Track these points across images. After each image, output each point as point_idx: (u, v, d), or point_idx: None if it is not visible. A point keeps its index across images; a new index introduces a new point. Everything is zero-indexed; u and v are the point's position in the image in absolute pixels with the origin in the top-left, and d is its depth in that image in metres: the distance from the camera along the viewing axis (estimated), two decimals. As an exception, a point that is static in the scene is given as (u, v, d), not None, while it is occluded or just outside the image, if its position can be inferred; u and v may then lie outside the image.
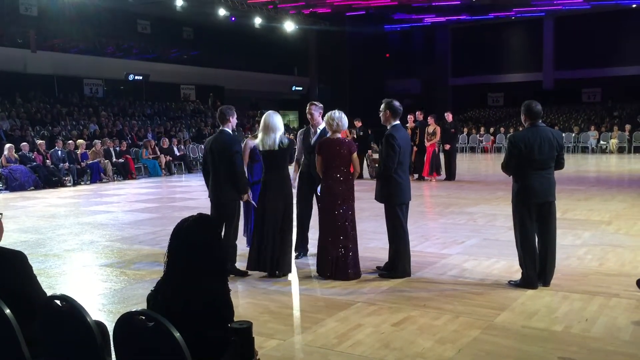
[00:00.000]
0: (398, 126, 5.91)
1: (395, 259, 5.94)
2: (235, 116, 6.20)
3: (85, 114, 23.43)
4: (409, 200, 5.98)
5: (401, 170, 5.83)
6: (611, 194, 11.95)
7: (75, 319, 2.42)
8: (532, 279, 5.43)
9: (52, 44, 26.19)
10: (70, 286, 6.08)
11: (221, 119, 6.13)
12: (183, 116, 27.55)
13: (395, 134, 5.77)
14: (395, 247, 5.93)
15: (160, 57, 30.57)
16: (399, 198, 5.85)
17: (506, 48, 37.30)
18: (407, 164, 6.02)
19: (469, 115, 35.50)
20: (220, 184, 6.06)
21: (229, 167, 5.97)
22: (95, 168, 17.67)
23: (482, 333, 4.37)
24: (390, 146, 5.71)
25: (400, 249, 5.90)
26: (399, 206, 5.87)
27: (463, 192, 12.93)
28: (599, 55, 32.73)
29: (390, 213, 5.90)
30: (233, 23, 29.69)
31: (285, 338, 4.39)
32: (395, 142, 5.71)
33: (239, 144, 6.23)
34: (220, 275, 2.60)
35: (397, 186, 5.81)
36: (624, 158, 23.69)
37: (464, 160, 23.28)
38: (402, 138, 5.83)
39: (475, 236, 7.98)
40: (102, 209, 11.75)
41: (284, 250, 6.03)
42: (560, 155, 5.51)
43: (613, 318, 4.63)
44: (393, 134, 5.77)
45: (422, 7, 32.39)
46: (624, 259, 6.53)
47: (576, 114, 32.25)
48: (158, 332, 2.24)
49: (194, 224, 2.58)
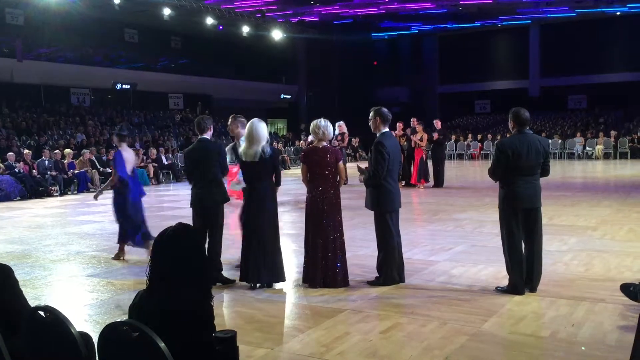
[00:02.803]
0: (388, 133, 5.93)
1: (383, 266, 5.94)
2: (212, 125, 6.47)
3: (72, 123, 23.32)
4: (399, 208, 6.00)
5: (390, 177, 5.84)
6: (597, 200, 12.04)
7: (59, 330, 2.41)
8: (519, 285, 5.45)
9: (39, 54, 26.06)
10: (57, 297, 6.03)
11: (200, 128, 6.33)
12: (171, 125, 27.49)
13: (384, 142, 5.79)
14: (383, 254, 5.94)
15: (148, 66, 30.49)
16: (388, 205, 5.87)
17: (493, 56, 37.60)
18: (397, 171, 6.04)
19: (457, 122, 35.70)
20: (203, 189, 6.16)
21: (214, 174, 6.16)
22: (82, 178, 17.57)
23: (469, 340, 4.38)
24: (379, 153, 5.73)
25: (387, 257, 5.91)
26: (388, 213, 5.88)
27: (451, 199, 12.98)
28: (584, 63, 33.07)
29: (380, 220, 5.91)
30: (221, 32, 29.72)
31: (273, 347, 4.38)
32: (385, 150, 5.73)
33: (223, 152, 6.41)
34: (202, 284, 2.58)
35: (386, 194, 5.83)
36: (609, 164, 23.91)
37: (452, 167, 23.38)
38: (391, 146, 5.85)
39: (463, 243, 8.01)
40: (89, 219, 11.67)
41: (272, 260, 5.98)
42: (546, 162, 5.56)
43: (599, 323, 4.66)
44: (382, 142, 5.79)
45: (409, 15, 32.62)
46: (610, 264, 6.58)
47: (562, 121, 32.54)
48: (142, 342, 2.23)
49: (175, 233, 2.57)
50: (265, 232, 5.91)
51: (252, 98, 33.85)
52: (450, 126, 32.80)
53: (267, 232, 5.91)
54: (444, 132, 16.82)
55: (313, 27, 33.42)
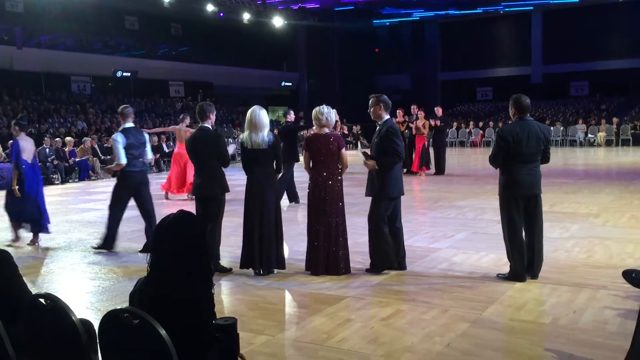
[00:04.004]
0: (389, 121, 5.90)
1: (373, 255, 5.94)
2: (214, 112, 6.26)
3: (73, 111, 23.27)
4: (402, 195, 5.93)
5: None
6: (599, 187, 12.02)
7: (59, 318, 2.40)
8: (521, 272, 5.45)
9: (39, 41, 25.98)
10: (58, 284, 6.04)
11: (201, 115, 6.17)
12: (172, 113, 27.43)
13: (395, 126, 5.89)
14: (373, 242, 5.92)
15: (149, 53, 30.42)
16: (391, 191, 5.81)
17: (495, 42, 37.41)
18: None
19: (459, 109, 35.61)
20: (204, 181, 6.08)
21: (214, 164, 6.03)
22: (84, 166, 17.57)
23: (470, 326, 4.39)
24: (396, 136, 5.73)
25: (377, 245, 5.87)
26: (389, 200, 5.82)
27: (452, 186, 12.97)
28: (586, 49, 32.90)
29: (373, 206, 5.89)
30: (221, 19, 29.56)
31: (274, 334, 4.38)
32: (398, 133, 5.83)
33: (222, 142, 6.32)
34: (204, 271, 2.58)
35: (390, 179, 5.77)
36: (611, 151, 23.86)
37: (454, 154, 23.35)
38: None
39: (464, 230, 8.01)
40: (91, 207, 11.68)
41: (273, 247, 5.97)
42: (547, 149, 5.54)
43: (600, 310, 4.67)
44: (394, 126, 5.86)
45: (411, 1, 32.45)
46: (612, 251, 6.57)
47: (564, 108, 32.43)
48: (143, 329, 2.22)
49: (177, 220, 2.56)
50: (266, 220, 5.89)
51: (253, 85, 33.78)
52: (451, 113, 32.73)
53: (268, 220, 5.90)
54: (445, 119, 16.77)
55: (314, 14, 33.25)
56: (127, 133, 7.16)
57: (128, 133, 7.15)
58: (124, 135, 7.11)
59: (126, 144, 7.06)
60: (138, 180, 7.27)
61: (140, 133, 7.46)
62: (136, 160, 7.20)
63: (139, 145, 7.23)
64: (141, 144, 7.29)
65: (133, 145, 7.13)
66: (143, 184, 7.36)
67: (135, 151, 7.16)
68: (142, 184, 7.34)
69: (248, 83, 33.23)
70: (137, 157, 7.22)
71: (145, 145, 7.35)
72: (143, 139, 7.38)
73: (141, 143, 7.29)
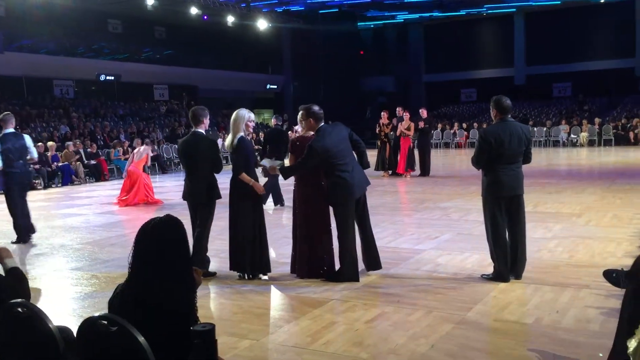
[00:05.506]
0: (324, 127, 5.67)
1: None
2: (208, 117, 6.16)
3: (56, 115, 23.05)
4: (357, 197, 5.73)
5: (338, 170, 5.59)
6: (582, 187, 12.12)
7: (36, 326, 2.37)
8: (504, 272, 5.47)
9: (21, 45, 25.67)
10: (40, 291, 5.96)
11: (195, 120, 6.07)
12: (156, 116, 27.28)
13: (316, 143, 5.47)
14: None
15: (132, 56, 30.16)
16: (339, 197, 5.67)
17: (478, 44, 37.62)
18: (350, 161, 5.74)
19: (443, 111, 35.75)
20: (196, 186, 6.05)
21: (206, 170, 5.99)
22: (67, 170, 17.40)
23: (454, 327, 4.39)
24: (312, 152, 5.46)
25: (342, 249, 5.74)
26: (342, 205, 5.68)
27: (437, 188, 13.01)
28: (568, 50, 33.20)
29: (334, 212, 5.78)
30: (206, 22, 29.45)
31: (258, 338, 4.36)
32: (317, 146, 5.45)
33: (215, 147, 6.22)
34: (184, 277, 2.55)
35: (336, 186, 5.62)
36: (594, 151, 24.08)
37: (438, 156, 23.44)
38: (330, 141, 5.54)
39: (449, 231, 8.03)
40: (74, 212, 11.57)
41: (257, 251, 5.92)
42: (528, 149, 5.57)
43: (583, 309, 4.69)
44: (313, 145, 5.48)
45: (395, 4, 32.54)
46: (594, 250, 6.62)
47: (547, 109, 32.69)
48: (121, 336, 2.19)
49: (158, 225, 2.53)
50: (250, 223, 5.85)
51: (238, 88, 33.67)
52: (436, 115, 32.82)
53: (251, 223, 5.85)
54: (430, 120, 16.82)
55: (298, 16, 33.24)
56: (4, 139, 8.19)
57: (5, 139, 8.19)
58: (0, 142, 8.19)
59: (2, 149, 8.17)
60: (18, 181, 8.35)
61: (20, 138, 8.48)
62: (16, 162, 8.27)
63: (16, 150, 8.25)
64: (20, 147, 8.31)
65: (10, 149, 8.19)
66: (23, 184, 8.49)
67: (12, 155, 8.22)
68: (22, 183, 8.44)
69: (233, 86, 33.11)
70: (17, 159, 8.27)
71: (26, 148, 8.40)
72: (22, 142, 8.39)
73: (21, 146, 8.32)
